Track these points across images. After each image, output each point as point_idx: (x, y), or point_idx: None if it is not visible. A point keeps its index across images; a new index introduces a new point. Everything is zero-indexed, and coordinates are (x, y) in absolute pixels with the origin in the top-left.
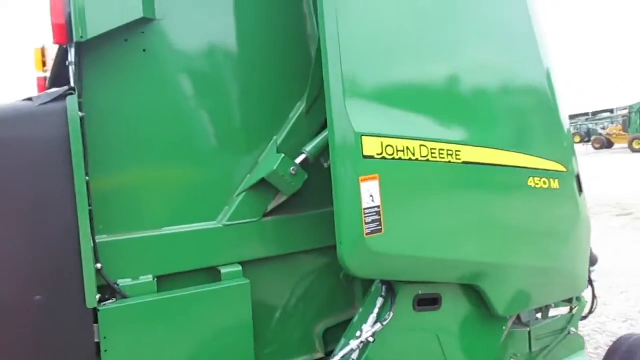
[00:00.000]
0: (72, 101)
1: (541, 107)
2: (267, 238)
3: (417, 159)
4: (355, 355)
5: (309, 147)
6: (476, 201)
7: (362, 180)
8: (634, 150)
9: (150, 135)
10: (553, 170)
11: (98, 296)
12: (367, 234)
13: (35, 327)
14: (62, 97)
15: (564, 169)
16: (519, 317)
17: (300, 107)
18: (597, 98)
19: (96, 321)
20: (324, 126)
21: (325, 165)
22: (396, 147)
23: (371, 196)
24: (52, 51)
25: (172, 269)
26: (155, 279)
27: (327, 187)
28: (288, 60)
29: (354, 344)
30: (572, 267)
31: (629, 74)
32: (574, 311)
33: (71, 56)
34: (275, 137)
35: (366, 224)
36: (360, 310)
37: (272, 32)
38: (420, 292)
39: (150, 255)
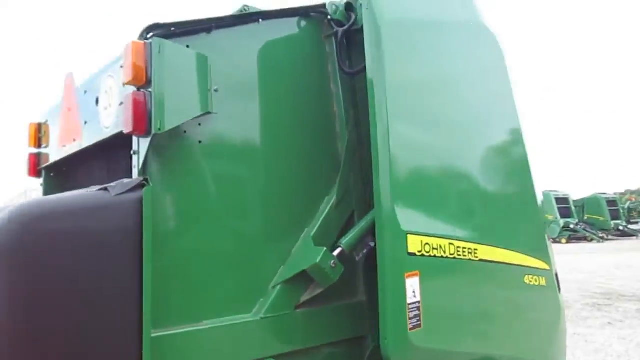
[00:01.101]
0: (147, 193)
1: (529, 208)
2: (297, 330)
3: (446, 257)
4: None
5: (344, 240)
6: (490, 297)
7: (407, 277)
8: None
9: (198, 227)
10: (541, 269)
11: None
12: (410, 329)
13: None
14: (137, 187)
15: (547, 267)
16: None
17: (330, 201)
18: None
19: None
20: (350, 218)
21: (357, 258)
22: (432, 245)
23: (413, 292)
24: (50, 127)
25: None
26: None
27: (352, 278)
28: (318, 156)
29: None
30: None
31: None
32: None
33: (136, 146)
34: (307, 229)
35: (409, 319)
36: None
37: (305, 130)
38: None
39: (190, 350)
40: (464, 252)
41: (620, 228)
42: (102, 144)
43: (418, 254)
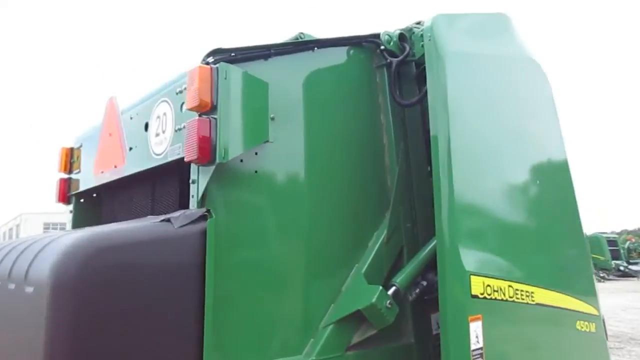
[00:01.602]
0: (211, 225)
1: (579, 250)
2: None
3: (506, 300)
4: None
5: (398, 279)
6: (545, 344)
7: (470, 320)
8: None
9: (253, 262)
10: (591, 314)
11: None
12: None
13: None
14: (200, 219)
15: (597, 313)
16: None
17: (380, 236)
18: None
19: None
20: (400, 255)
21: (410, 298)
22: (492, 287)
23: (477, 337)
24: (83, 153)
25: None
26: None
27: (401, 319)
28: (367, 188)
29: None
30: None
31: None
32: None
33: (195, 174)
34: (356, 266)
35: None
36: None
37: (354, 161)
38: None
39: None
40: (521, 295)
41: (621, 268)
42: (148, 172)
43: (480, 296)
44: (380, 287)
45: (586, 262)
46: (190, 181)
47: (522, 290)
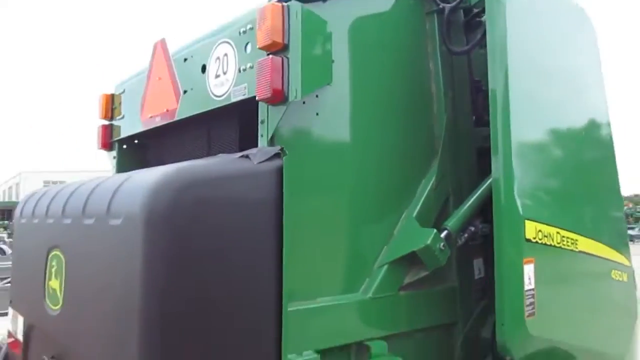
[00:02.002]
0: (287, 161)
1: (616, 202)
2: (401, 312)
3: (554, 245)
4: None
5: (450, 223)
6: (586, 289)
7: (524, 263)
8: None
9: (313, 202)
10: (624, 264)
11: None
12: (526, 316)
13: None
14: (275, 156)
15: (629, 263)
16: None
17: (429, 182)
18: None
19: None
20: (445, 203)
21: (459, 242)
22: (543, 232)
23: (529, 279)
24: (126, 98)
25: (328, 344)
26: (319, 355)
27: (447, 263)
28: (415, 135)
29: None
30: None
31: None
32: None
33: (264, 114)
34: (406, 211)
35: (526, 306)
36: None
37: (403, 108)
38: None
39: (309, 328)
40: (567, 242)
41: None
42: (205, 114)
43: (533, 240)
44: (435, 230)
45: (621, 216)
46: (260, 121)
47: (567, 238)
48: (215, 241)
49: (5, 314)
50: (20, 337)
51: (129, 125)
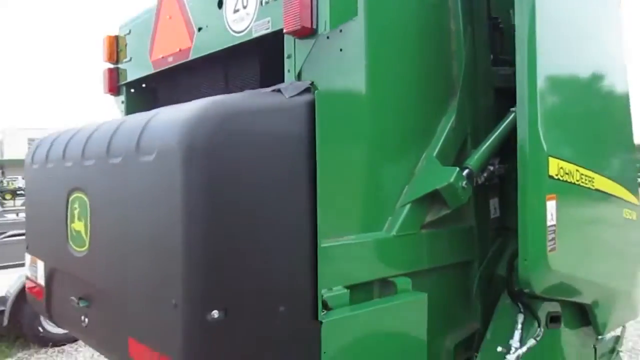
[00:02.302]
0: (319, 96)
1: (629, 143)
2: (423, 250)
3: (574, 182)
4: None
5: (471, 162)
6: (601, 227)
7: (547, 199)
8: None
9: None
10: (634, 204)
11: None
12: (548, 251)
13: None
14: (306, 90)
15: (638, 202)
16: None
17: (448, 122)
18: None
19: None
20: (464, 142)
21: (479, 181)
22: (565, 169)
23: (551, 214)
24: (132, 40)
25: (357, 279)
26: (348, 290)
27: (466, 202)
28: (433, 73)
29: (511, 357)
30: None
31: None
32: (620, 333)
33: (290, 49)
34: (426, 151)
35: (548, 241)
36: (492, 326)
37: (421, 44)
38: (549, 311)
39: (338, 264)
40: (585, 179)
41: None
42: (222, 52)
43: (555, 177)
44: (457, 168)
45: (632, 158)
46: (286, 56)
47: (585, 175)
48: (254, 175)
49: (6, 267)
50: (41, 281)
51: (137, 67)
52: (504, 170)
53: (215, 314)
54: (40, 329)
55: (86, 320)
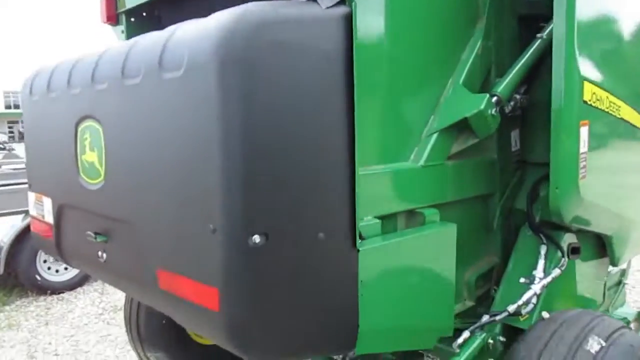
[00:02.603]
0: (356, 8)
1: None
2: (447, 182)
3: (603, 110)
4: (534, 300)
5: (499, 89)
6: (623, 156)
7: (581, 125)
8: None
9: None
10: None
11: None
12: (580, 178)
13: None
14: (342, 2)
15: None
16: None
17: (473, 48)
18: None
19: None
20: (489, 72)
21: (507, 110)
22: (597, 95)
23: (584, 141)
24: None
25: (387, 210)
26: (380, 220)
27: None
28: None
29: (536, 287)
30: None
31: None
32: (625, 266)
33: None
34: (451, 79)
35: (580, 168)
36: (512, 258)
37: None
38: (570, 242)
39: (371, 193)
40: (613, 107)
41: None
42: None
43: (589, 102)
44: (487, 95)
45: None
46: None
47: (614, 103)
48: (292, 90)
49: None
50: (49, 219)
51: None
52: (526, 101)
53: (256, 238)
54: (37, 277)
55: (104, 255)
